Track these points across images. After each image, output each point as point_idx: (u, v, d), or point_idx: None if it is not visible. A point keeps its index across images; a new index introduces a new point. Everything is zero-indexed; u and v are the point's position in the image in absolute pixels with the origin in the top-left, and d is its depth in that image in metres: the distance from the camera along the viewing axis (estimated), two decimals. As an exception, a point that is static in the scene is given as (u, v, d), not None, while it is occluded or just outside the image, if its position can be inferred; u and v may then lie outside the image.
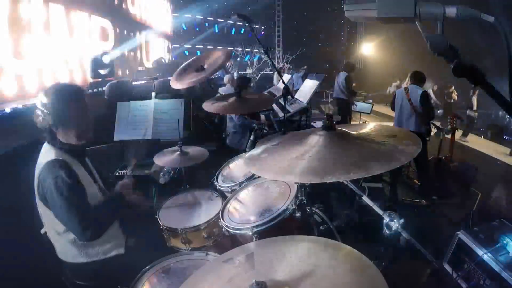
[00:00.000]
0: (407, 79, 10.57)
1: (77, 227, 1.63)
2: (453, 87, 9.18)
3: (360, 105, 6.84)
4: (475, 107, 8.53)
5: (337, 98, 7.14)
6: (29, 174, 1.79)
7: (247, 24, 2.33)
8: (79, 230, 1.64)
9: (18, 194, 2.10)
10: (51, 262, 1.88)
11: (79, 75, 4.73)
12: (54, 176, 1.62)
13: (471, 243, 2.22)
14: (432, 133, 4.59)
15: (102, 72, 4.33)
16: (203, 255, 1.71)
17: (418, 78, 4.55)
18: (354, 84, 7.23)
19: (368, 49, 15.19)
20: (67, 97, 1.75)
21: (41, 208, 1.73)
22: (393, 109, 4.89)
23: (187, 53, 14.42)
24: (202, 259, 1.68)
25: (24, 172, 1.91)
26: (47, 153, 1.72)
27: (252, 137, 2.50)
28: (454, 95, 9.31)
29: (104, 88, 3.97)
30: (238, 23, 16.70)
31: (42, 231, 1.91)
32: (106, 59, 4.34)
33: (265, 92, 5.91)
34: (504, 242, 2.17)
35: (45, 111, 1.69)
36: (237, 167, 2.43)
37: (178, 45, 13.82)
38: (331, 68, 14.93)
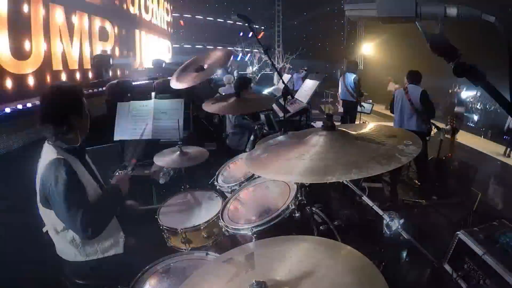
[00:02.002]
0: (393, 83, 10.56)
1: (78, 225, 1.63)
2: (457, 87, 9.18)
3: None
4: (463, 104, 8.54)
5: (344, 100, 6.85)
6: (29, 174, 1.79)
7: (247, 24, 2.33)
8: (80, 228, 1.64)
9: (19, 194, 2.10)
10: (51, 261, 1.88)
11: (79, 75, 4.73)
12: (55, 175, 1.62)
13: (471, 243, 2.22)
14: (432, 133, 4.58)
15: (105, 72, 4.35)
16: (203, 255, 1.71)
17: (415, 77, 4.55)
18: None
19: (368, 49, 15.17)
20: (75, 96, 1.79)
21: (42, 209, 1.74)
22: (391, 111, 4.88)
23: (187, 53, 14.42)
24: (202, 259, 1.68)
25: (24, 172, 1.91)
26: (48, 153, 1.72)
27: (252, 137, 2.50)
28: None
29: (104, 88, 3.97)
30: (238, 23, 16.70)
31: (44, 229, 1.91)
32: (111, 62, 4.37)
33: (265, 92, 5.90)
34: (504, 242, 2.17)
35: (50, 109, 1.70)
36: (237, 167, 2.43)
37: (178, 45, 13.83)
38: (331, 68, 14.93)
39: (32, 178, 1.76)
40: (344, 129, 1.22)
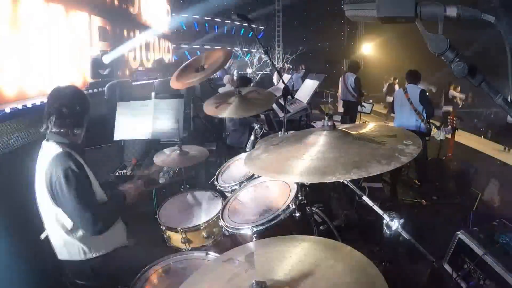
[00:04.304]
0: (392, 79, 10.60)
1: (88, 218, 1.63)
2: (459, 88, 9.17)
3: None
4: (458, 101, 8.54)
5: (345, 100, 6.81)
6: (29, 175, 1.79)
7: (247, 24, 2.33)
8: (90, 222, 1.64)
9: (18, 194, 2.10)
10: (51, 262, 1.88)
11: (79, 75, 4.73)
12: (64, 167, 1.62)
13: (471, 243, 2.22)
14: (432, 133, 4.59)
15: (102, 72, 4.33)
16: (203, 255, 1.71)
17: (414, 77, 4.56)
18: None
19: (368, 49, 15.18)
20: (85, 100, 1.87)
21: (47, 207, 1.71)
22: (393, 111, 4.90)
23: (187, 53, 14.44)
24: (202, 259, 1.68)
25: (24, 173, 1.91)
26: (50, 149, 1.72)
27: (252, 137, 2.50)
28: (459, 96, 9.30)
29: (104, 88, 3.97)
30: (237, 23, 16.72)
31: (42, 236, 1.90)
32: (106, 59, 4.34)
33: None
34: (504, 242, 2.17)
35: (71, 109, 1.75)
36: (237, 167, 2.43)
37: (178, 45, 13.81)
38: (331, 68, 14.92)
39: (31, 178, 1.76)
40: (344, 129, 1.22)
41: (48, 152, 1.71)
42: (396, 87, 10.10)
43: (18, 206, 2.18)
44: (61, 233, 1.75)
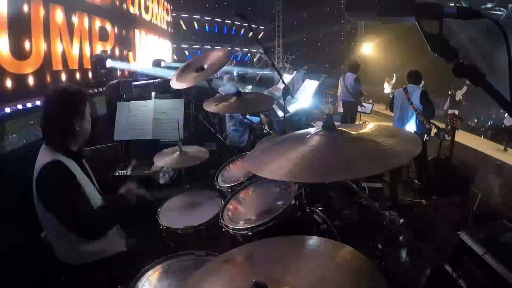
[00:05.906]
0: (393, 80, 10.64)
1: (79, 227, 1.63)
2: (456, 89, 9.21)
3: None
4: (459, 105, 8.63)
5: (344, 100, 6.77)
6: (29, 175, 1.78)
7: (247, 24, 2.33)
8: (81, 230, 1.63)
9: (19, 195, 2.10)
10: (51, 263, 1.88)
11: (79, 75, 4.73)
12: (53, 178, 1.61)
13: (471, 243, 2.22)
14: (432, 133, 4.58)
15: (103, 71, 4.34)
16: (203, 255, 1.71)
17: (415, 77, 4.55)
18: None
19: (368, 49, 15.18)
20: (80, 100, 1.78)
21: (41, 211, 1.72)
22: (391, 110, 4.89)
23: (187, 53, 14.46)
24: (202, 259, 1.68)
25: (24, 173, 1.91)
26: (45, 155, 1.71)
27: (252, 137, 2.50)
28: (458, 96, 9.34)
29: (104, 88, 3.98)
30: (237, 23, 16.73)
31: (42, 234, 1.90)
32: (108, 64, 4.35)
33: (265, 92, 5.89)
34: (504, 242, 2.17)
35: (54, 112, 1.69)
36: (237, 167, 2.43)
37: (178, 45, 13.81)
38: (331, 68, 14.92)
39: (31, 179, 1.76)
40: (344, 129, 1.22)
41: (42, 158, 1.70)
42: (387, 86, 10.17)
43: (19, 205, 2.18)
44: (54, 236, 1.76)
